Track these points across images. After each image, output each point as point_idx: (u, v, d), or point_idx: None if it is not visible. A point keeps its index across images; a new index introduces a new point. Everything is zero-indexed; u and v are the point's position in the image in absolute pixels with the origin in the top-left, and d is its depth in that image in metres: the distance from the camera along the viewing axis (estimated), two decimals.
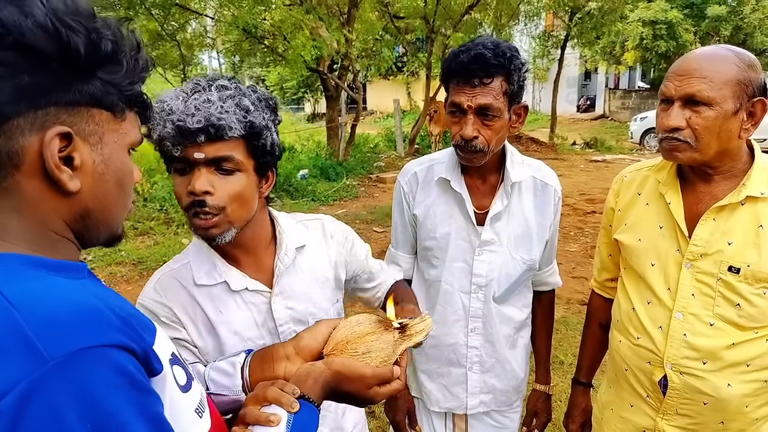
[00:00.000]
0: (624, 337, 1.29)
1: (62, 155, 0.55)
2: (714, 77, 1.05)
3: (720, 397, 1.15)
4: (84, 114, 0.57)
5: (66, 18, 0.53)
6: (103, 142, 0.59)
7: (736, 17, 15.62)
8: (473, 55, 1.22)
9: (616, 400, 1.35)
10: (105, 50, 0.56)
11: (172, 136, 0.88)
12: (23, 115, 0.52)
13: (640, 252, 1.25)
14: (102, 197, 0.60)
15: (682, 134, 1.09)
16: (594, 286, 1.51)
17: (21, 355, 0.45)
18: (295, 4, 9.07)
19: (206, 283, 1.01)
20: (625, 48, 17.31)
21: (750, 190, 1.11)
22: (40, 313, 0.48)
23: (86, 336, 0.48)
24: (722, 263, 1.13)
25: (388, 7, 11.72)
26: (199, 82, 0.92)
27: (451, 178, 1.39)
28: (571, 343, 3.54)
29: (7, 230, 0.55)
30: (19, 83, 0.51)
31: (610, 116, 19.94)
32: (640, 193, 1.29)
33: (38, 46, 0.51)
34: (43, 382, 0.45)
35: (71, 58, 0.54)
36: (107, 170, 0.59)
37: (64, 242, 0.59)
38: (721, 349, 1.14)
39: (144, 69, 0.62)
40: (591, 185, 8.56)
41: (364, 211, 7.34)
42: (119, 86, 0.59)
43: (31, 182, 0.54)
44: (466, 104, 1.25)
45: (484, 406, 1.50)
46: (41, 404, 0.44)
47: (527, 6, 12.98)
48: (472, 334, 1.44)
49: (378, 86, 22.34)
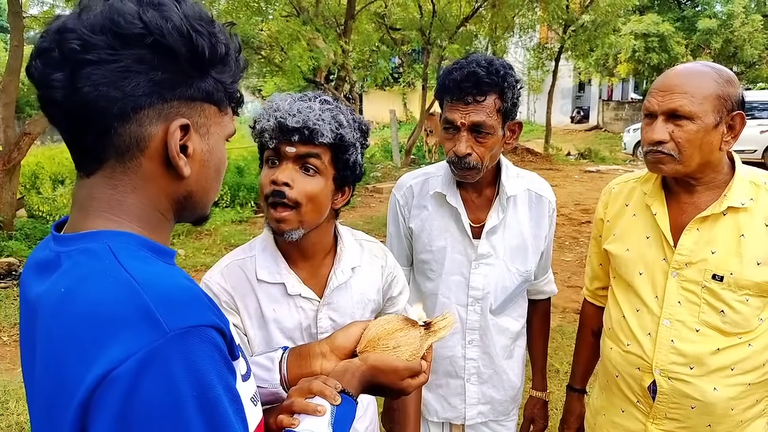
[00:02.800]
0: (615, 344, 1.32)
1: (180, 144, 0.62)
2: (695, 92, 1.10)
3: (707, 400, 1.18)
4: (198, 108, 0.64)
5: (195, 22, 0.60)
6: (210, 134, 0.66)
7: (726, 30, 15.86)
8: (466, 73, 1.24)
9: (608, 406, 1.38)
10: (220, 52, 0.63)
11: (271, 129, 1.00)
12: (153, 107, 0.60)
13: (629, 261, 1.28)
14: (204, 182, 0.67)
15: (666, 147, 1.14)
16: (586, 294, 1.55)
17: (144, 325, 0.51)
18: (292, 15, 9.16)
19: (267, 281, 1.08)
20: (617, 60, 17.52)
21: (731, 201, 1.15)
22: (160, 291, 0.54)
23: (196, 315, 0.55)
24: (706, 271, 1.17)
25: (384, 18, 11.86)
26: (306, 94, 1.05)
27: (447, 192, 1.40)
28: (566, 352, 3.55)
29: (122, 206, 0.62)
30: (153, 78, 0.58)
31: (603, 127, 20.12)
32: (628, 204, 1.33)
33: (174, 47, 0.59)
34: (162, 350, 0.51)
35: (197, 58, 0.61)
36: (211, 158, 0.67)
37: (164, 222, 0.66)
38: (707, 354, 1.17)
39: (243, 69, 0.69)
40: (585, 195, 8.63)
41: (360, 221, 7.37)
42: (225, 84, 0.66)
43: (151, 165, 0.62)
44: (460, 121, 1.26)
45: (482, 416, 1.51)
46: (159, 370, 0.50)
47: (522, 19, 13.14)
48: (469, 347, 1.44)
49: (374, 97, 22.47)
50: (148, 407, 0.50)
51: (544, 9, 12.70)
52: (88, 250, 0.58)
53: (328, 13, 9.81)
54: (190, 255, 5.75)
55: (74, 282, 0.56)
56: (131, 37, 0.57)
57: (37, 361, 0.57)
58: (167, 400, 0.50)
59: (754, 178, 1.18)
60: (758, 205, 1.15)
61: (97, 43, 0.56)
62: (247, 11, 9.00)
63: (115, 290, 0.54)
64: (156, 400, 0.50)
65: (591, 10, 12.56)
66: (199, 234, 6.56)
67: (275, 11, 9.43)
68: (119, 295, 0.53)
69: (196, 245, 6.13)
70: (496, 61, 1.28)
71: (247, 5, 9.14)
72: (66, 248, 0.60)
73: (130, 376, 0.49)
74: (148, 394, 0.49)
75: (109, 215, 0.61)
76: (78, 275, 0.57)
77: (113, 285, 0.54)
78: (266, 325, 1.08)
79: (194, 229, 6.54)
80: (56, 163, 9.16)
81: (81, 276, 0.56)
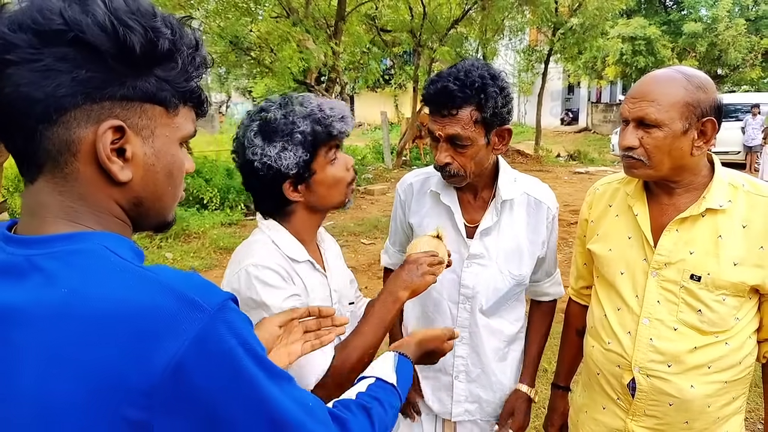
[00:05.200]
0: (596, 343, 1.35)
1: (115, 147, 0.59)
2: (662, 100, 1.13)
3: (684, 398, 1.20)
4: (137, 109, 0.60)
5: (125, 17, 0.56)
6: (154, 136, 0.62)
7: (711, 34, 16.09)
8: (439, 87, 1.26)
9: (590, 403, 1.40)
10: (161, 48, 0.59)
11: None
12: (80, 108, 0.56)
13: (611, 261, 1.31)
14: (152, 187, 0.64)
15: (636, 153, 1.17)
16: (571, 293, 1.57)
17: (186, 308, 0.54)
18: (282, 16, 9.15)
19: (299, 260, 1.16)
20: (606, 63, 17.71)
21: (709, 203, 1.17)
22: (182, 279, 0.57)
23: (220, 292, 0.58)
24: (685, 271, 1.19)
25: (375, 20, 11.88)
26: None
27: (442, 192, 1.44)
28: (554, 352, 3.49)
29: (79, 214, 0.60)
30: (77, 77, 0.55)
31: (592, 129, 20.32)
32: (611, 205, 1.35)
33: (95, 43, 0.55)
34: (211, 326, 0.54)
35: (127, 55, 0.57)
36: (158, 162, 0.63)
37: (124, 227, 0.64)
38: (685, 352, 1.20)
39: (200, 66, 0.65)
40: (575, 197, 8.71)
41: (351, 223, 7.37)
42: (173, 83, 0.62)
43: (88, 170, 0.59)
44: (438, 133, 1.30)
45: (468, 414, 1.52)
46: (214, 343, 0.54)
47: (512, 21, 13.25)
48: (459, 344, 1.45)
49: (365, 98, 22.47)
50: (217, 381, 0.54)
51: (533, 12, 12.81)
52: (82, 251, 0.57)
53: (318, 15, 9.80)
54: (178, 258, 5.71)
55: (79, 282, 0.54)
56: (51, 33, 0.54)
57: (24, 371, 0.53)
58: (230, 366, 0.55)
59: (733, 180, 1.20)
60: (736, 206, 1.17)
61: (18, 43, 0.54)
62: (236, 12, 8.95)
63: (141, 284, 0.55)
64: (221, 371, 0.54)
65: (579, 13, 12.69)
66: (187, 237, 6.51)
67: (265, 12, 9.41)
68: (148, 288, 0.55)
69: (184, 248, 6.08)
70: (474, 72, 1.27)
71: (236, 6, 9.09)
72: (42, 251, 0.57)
73: (192, 357, 0.52)
74: (213, 368, 0.54)
75: (68, 221, 0.59)
76: (82, 276, 0.55)
77: (136, 280, 0.55)
78: (308, 296, 1.15)
79: (183, 231, 6.49)
80: None
81: (86, 276, 0.55)
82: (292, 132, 1.08)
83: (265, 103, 1.15)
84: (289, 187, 1.12)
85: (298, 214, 1.18)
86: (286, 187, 1.12)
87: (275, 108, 1.11)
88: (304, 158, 1.09)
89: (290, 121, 1.09)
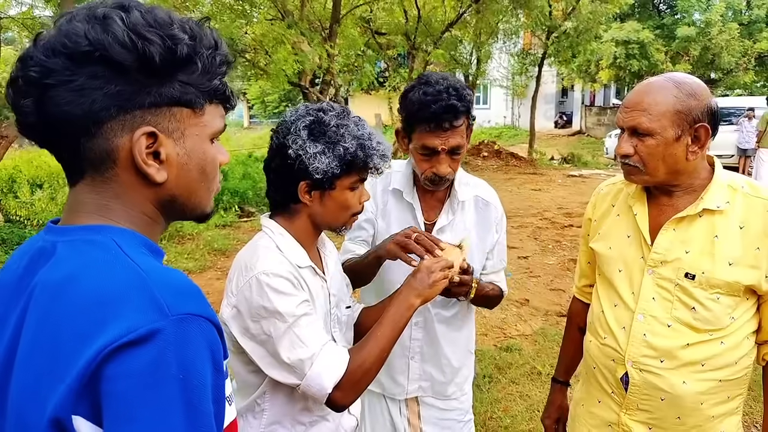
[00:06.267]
0: (594, 338, 1.38)
1: (150, 151, 0.63)
2: (652, 109, 1.16)
3: (675, 393, 1.22)
4: (166, 113, 0.64)
5: (143, 30, 0.60)
6: (185, 136, 0.66)
7: (704, 38, 16.25)
8: (445, 106, 1.32)
9: (587, 397, 1.44)
10: (181, 54, 0.62)
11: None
12: (115, 119, 0.61)
13: (610, 259, 1.34)
14: (186, 184, 0.68)
15: (632, 160, 1.21)
16: (575, 291, 1.61)
17: (147, 306, 0.55)
18: (277, 18, 9.15)
19: (302, 265, 1.17)
20: (599, 66, 17.84)
21: (706, 204, 1.20)
22: (164, 280, 0.58)
23: (196, 305, 0.58)
24: (680, 270, 1.21)
25: (369, 23, 11.91)
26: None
27: (404, 190, 1.52)
28: (549, 354, 3.55)
29: (112, 210, 0.65)
30: (108, 92, 0.60)
31: (586, 132, 20.43)
32: (614, 205, 1.39)
33: (119, 59, 0.59)
34: (161, 331, 0.54)
35: (148, 66, 0.61)
36: (190, 161, 0.67)
37: (153, 224, 0.69)
38: (677, 348, 1.22)
39: (222, 65, 0.68)
40: (569, 199, 8.73)
41: None
42: (197, 84, 0.65)
43: (127, 174, 0.64)
44: (441, 147, 1.36)
45: (421, 390, 1.62)
46: (154, 348, 0.53)
47: (506, 25, 13.31)
48: (415, 328, 1.57)
49: (360, 101, 22.50)
50: (135, 383, 0.52)
51: (527, 15, 12.88)
52: (93, 242, 0.61)
53: (313, 17, 9.81)
54: (172, 260, 5.68)
55: (78, 268, 0.59)
56: (81, 55, 0.59)
57: (22, 345, 0.58)
58: (154, 378, 0.53)
59: (733, 182, 1.23)
60: (734, 208, 1.20)
61: (54, 67, 0.59)
62: (231, 14, 8.95)
63: (121, 275, 0.57)
64: (144, 377, 0.52)
65: (573, 17, 12.77)
66: (182, 238, 6.49)
67: (260, 14, 9.40)
68: (125, 280, 0.57)
69: (178, 250, 6.06)
70: (460, 87, 1.36)
71: (231, 8, 9.09)
72: (64, 238, 0.63)
73: (127, 350, 0.52)
74: (138, 370, 0.52)
75: (99, 216, 0.64)
76: (82, 262, 0.59)
77: (120, 271, 0.58)
78: (313, 301, 1.17)
79: (177, 233, 6.47)
80: (34, 167, 8.99)
81: (85, 263, 0.59)
82: (337, 143, 1.11)
83: (327, 104, 1.19)
84: (304, 187, 1.14)
85: (301, 217, 1.20)
86: (302, 187, 1.14)
87: (333, 114, 1.15)
88: (334, 171, 1.12)
89: (341, 133, 1.12)
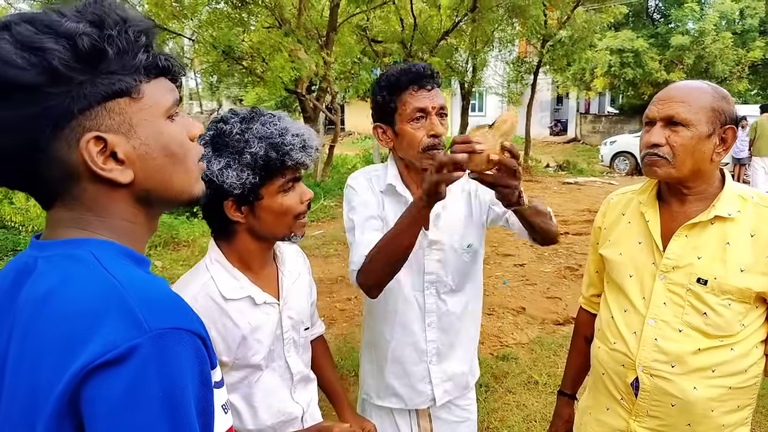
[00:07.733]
0: (602, 343, 1.37)
1: (106, 155, 0.59)
2: (692, 102, 1.19)
3: (686, 399, 1.22)
4: (102, 111, 0.58)
5: (33, 42, 0.54)
6: (134, 126, 0.60)
7: (698, 47, 16.38)
8: (422, 66, 1.37)
9: (594, 404, 1.42)
10: (84, 48, 0.56)
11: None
12: (55, 139, 0.57)
13: (620, 265, 1.35)
14: (157, 174, 0.63)
15: (661, 150, 1.21)
16: (582, 302, 1.60)
17: (125, 323, 0.52)
18: (274, 26, 9.17)
19: (234, 298, 1.11)
20: (594, 75, 17.95)
21: (719, 211, 1.22)
22: (143, 293, 0.55)
23: (177, 318, 0.55)
24: (692, 275, 1.22)
25: (366, 31, 11.95)
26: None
27: (396, 184, 1.50)
28: (545, 363, 3.51)
29: (89, 222, 0.62)
30: (29, 114, 0.55)
31: (581, 140, 20.52)
32: (624, 213, 1.40)
33: (22, 81, 0.54)
34: (139, 349, 0.51)
35: (56, 74, 0.55)
36: (151, 149, 0.62)
37: (135, 227, 0.65)
38: (688, 353, 1.22)
39: (139, 37, 0.60)
40: (564, 207, 8.76)
41: (341, 232, 7.32)
42: (119, 70, 0.59)
43: (93, 185, 0.60)
44: (431, 105, 1.36)
45: (447, 395, 1.57)
46: (133, 367, 0.51)
47: (501, 33, 13.38)
48: (429, 329, 1.51)
49: (356, 108, 22.55)
50: (115, 402, 0.50)
51: (522, 24, 12.96)
52: (72, 256, 0.58)
53: (310, 25, 9.84)
54: (167, 267, 5.63)
55: (56, 284, 0.56)
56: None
57: (9, 363, 0.56)
58: (134, 399, 0.50)
59: (743, 192, 1.26)
60: (745, 216, 1.22)
61: None
62: (228, 22, 8.96)
63: (98, 290, 0.55)
64: (123, 399, 0.50)
65: (568, 26, 12.86)
66: (177, 245, 6.44)
67: (257, 22, 9.42)
68: (102, 294, 0.54)
69: (173, 256, 6.02)
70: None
71: (228, 16, 9.11)
72: (44, 253, 0.60)
73: (105, 370, 0.50)
74: (117, 392, 0.50)
75: (78, 229, 0.61)
76: (60, 278, 0.57)
77: (96, 285, 0.55)
78: (245, 339, 1.11)
79: (172, 240, 6.43)
80: None
81: (64, 278, 0.57)
82: (243, 151, 1.02)
83: (230, 112, 1.09)
84: (231, 206, 1.07)
85: (240, 236, 1.12)
86: (228, 206, 1.07)
87: (236, 120, 1.06)
88: (252, 180, 1.03)
89: (244, 138, 1.03)
